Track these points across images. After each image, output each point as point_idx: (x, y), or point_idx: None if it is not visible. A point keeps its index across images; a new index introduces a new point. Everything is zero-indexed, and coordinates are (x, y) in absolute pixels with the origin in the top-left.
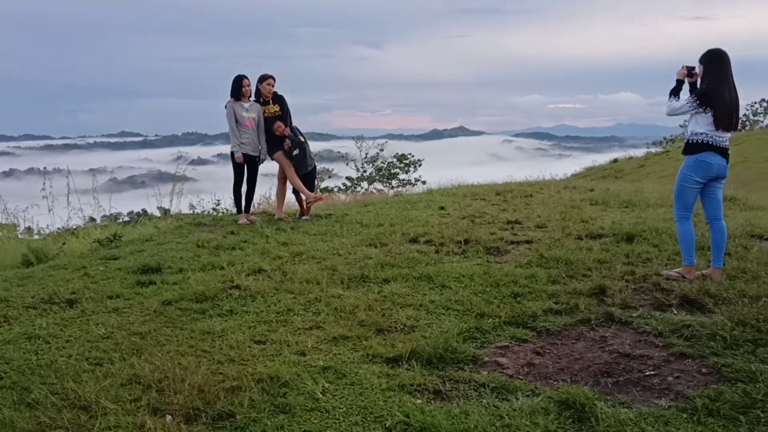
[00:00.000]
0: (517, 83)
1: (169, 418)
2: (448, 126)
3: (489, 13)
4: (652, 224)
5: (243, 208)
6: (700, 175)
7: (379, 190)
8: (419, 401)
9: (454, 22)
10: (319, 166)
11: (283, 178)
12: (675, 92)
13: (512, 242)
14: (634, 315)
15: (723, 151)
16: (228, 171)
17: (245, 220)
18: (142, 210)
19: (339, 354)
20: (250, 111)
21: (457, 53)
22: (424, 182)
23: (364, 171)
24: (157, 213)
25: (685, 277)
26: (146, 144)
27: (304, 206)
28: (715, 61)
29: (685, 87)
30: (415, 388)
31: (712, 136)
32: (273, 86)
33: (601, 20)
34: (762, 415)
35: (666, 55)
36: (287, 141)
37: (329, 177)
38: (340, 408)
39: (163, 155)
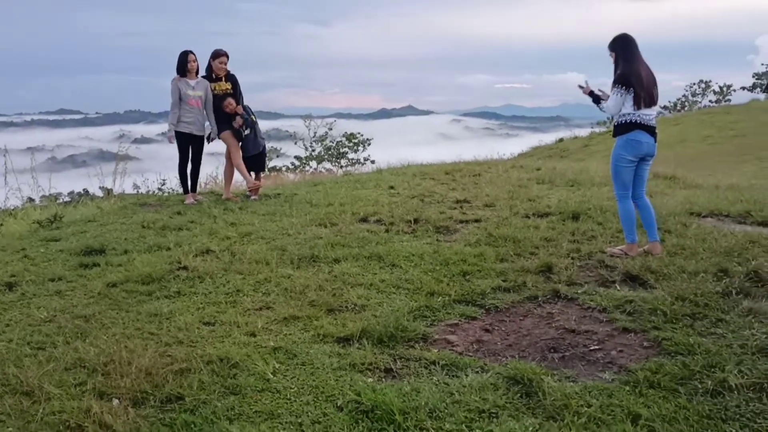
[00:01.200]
0: (465, 63)
1: (116, 402)
2: (397, 105)
3: None
4: (596, 203)
5: (189, 188)
6: (632, 153)
7: (328, 170)
8: (370, 380)
9: (402, 1)
10: (268, 145)
11: (230, 158)
12: (596, 100)
13: (461, 221)
14: (579, 291)
15: (651, 129)
16: (173, 150)
17: (192, 200)
18: (84, 190)
19: (290, 334)
20: (197, 89)
21: (405, 32)
22: (373, 162)
23: (313, 150)
24: (100, 193)
25: (627, 254)
26: (86, 122)
27: (252, 184)
28: (624, 46)
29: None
30: (366, 366)
31: (638, 115)
32: (225, 64)
33: (547, 1)
34: (699, 386)
35: (608, 36)
36: (238, 119)
37: (277, 156)
38: (291, 388)
39: (105, 133)
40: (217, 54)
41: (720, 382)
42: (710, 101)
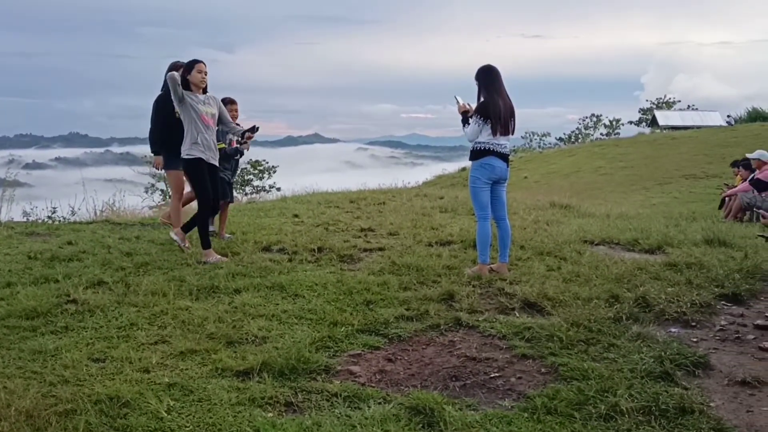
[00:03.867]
0: (371, 92)
1: None
2: (303, 133)
3: (339, 21)
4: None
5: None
6: (486, 176)
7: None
8: (270, 414)
9: (306, 29)
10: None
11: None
12: (464, 121)
13: (365, 250)
14: (480, 319)
15: (504, 156)
16: (67, 176)
17: (217, 257)
18: None
19: (186, 369)
20: (209, 105)
21: (311, 60)
22: (279, 189)
23: None
24: None
25: (480, 274)
26: None
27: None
28: (487, 76)
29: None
30: (266, 401)
31: (492, 143)
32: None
33: (449, 34)
34: (593, 410)
35: (508, 70)
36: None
37: None
38: (186, 426)
39: None
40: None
41: (612, 407)
42: (601, 134)
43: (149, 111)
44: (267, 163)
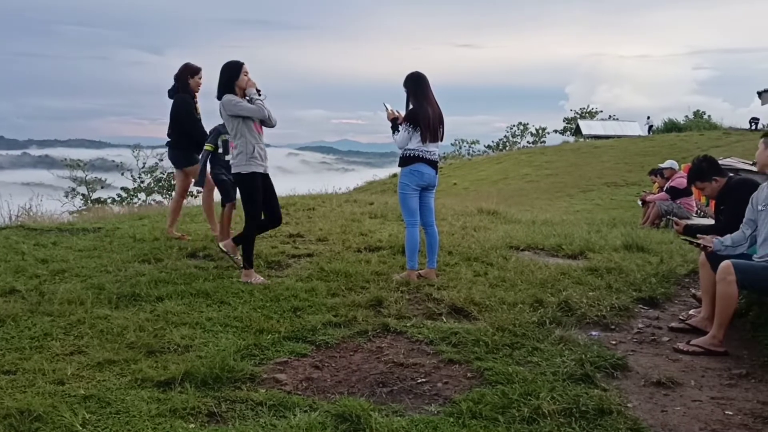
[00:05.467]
0: (301, 97)
1: None
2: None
3: (269, 25)
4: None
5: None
6: (415, 183)
7: (158, 202)
8: (192, 426)
9: (234, 32)
10: (91, 176)
11: (208, 190)
12: (394, 128)
13: (293, 256)
14: (408, 325)
15: (433, 163)
16: None
17: (260, 278)
18: None
19: (104, 380)
20: None
21: None
22: None
23: (142, 182)
24: None
25: (408, 280)
26: None
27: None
28: (415, 84)
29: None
30: (188, 412)
31: (421, 150)
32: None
33: (380, 41)
34: (517, 414)
35: (438, 78)
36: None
37: (102, 188)
38: None
39: None
40: (195, 70)
41: (535, 409)
42: (528, 142)
43: (70, 112)
44: None
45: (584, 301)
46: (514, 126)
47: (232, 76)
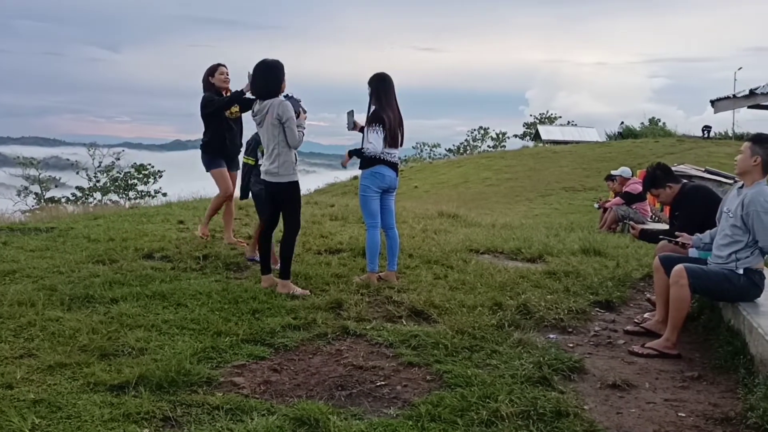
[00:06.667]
0: None
1: None
2: (192, 137)
3: (234, 25)
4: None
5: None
6: (376, 185)
7: (114, 202)
8: (146, 430)
9: (199, 31)
10: (44, 174)
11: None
12: (359, 153)
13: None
14: (368, 327)
15: (393, 165)
16: None
17: (299, 289)
18: None
19: (55, 384)
20: None
21: (204, 63)
22: (164, 194)
23: (98, 181)
24: None
25: (368, 283)
26: None
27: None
28: (381, 85)
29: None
30: (142, 416)
31: (383, 153)
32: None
33: (343, 43)
34: (476, 416)
35: (400, 80)
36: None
37: (56, 186)
38: None
39: None
40: (214, 68)
41: (493, 412)
42: (489, 146)
43: (24, 109)
44: (153, 167)
45: (542, 305)
46: (475, 130)
47: (280, 76)
